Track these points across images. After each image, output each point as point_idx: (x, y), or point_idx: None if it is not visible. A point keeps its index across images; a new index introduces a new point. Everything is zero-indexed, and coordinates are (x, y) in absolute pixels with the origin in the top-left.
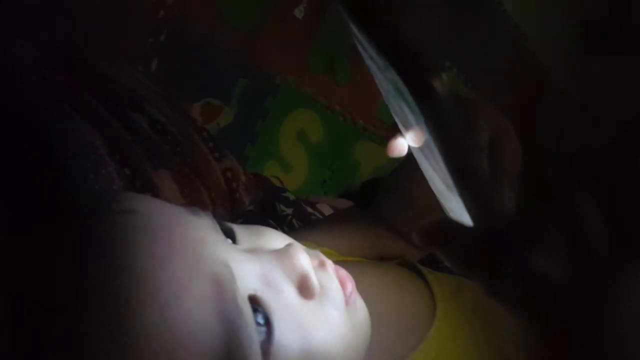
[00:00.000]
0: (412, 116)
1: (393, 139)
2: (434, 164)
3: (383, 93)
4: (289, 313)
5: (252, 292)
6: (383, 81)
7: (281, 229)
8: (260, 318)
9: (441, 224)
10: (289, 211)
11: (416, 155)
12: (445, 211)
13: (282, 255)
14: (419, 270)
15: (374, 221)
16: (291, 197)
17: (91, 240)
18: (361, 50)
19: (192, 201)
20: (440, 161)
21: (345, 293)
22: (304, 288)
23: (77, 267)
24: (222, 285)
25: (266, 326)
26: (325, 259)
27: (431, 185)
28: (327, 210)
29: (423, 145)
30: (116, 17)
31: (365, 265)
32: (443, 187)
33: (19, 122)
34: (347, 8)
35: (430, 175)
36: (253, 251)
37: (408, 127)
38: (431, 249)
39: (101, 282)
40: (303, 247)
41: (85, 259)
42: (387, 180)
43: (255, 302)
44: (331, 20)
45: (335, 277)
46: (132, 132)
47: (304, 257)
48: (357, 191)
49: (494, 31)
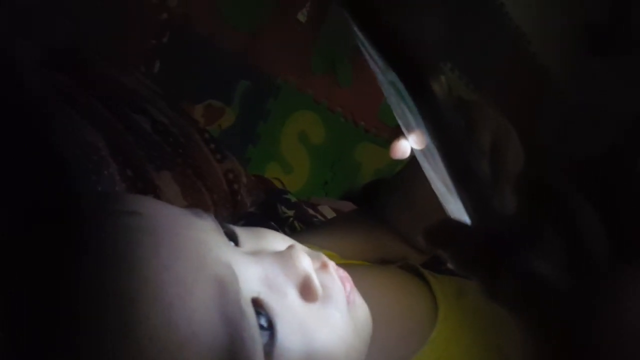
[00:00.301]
0: (413, 118)
1: (396, 141)
2: (435, 166)
3: (385, 94)
4: (292, 316)
5: (256, 295)
6: (384, 82)
7: (282, 231)
8: (263, 321)
9: (445, 225)
10: (291, 213)
11: (418, 157)
12: (447, 213)
13: (284, 257)
14: (421, 273)
15: (376, 224)
16: (292, 199)
17: (94, 241)
18: (364, 51)
19: (194, 203)
20: (440, 163)
21: (344, 292)
22: (307, 291)
23: (81, 268)
24: (226, 287)
25: (269, 329)
26: (327, 260)
27: (433, 187)
28: (329, 211)
29: (424, 147)
30: (118, 19)
31: (367, 268)
32: (444, 189)
33: (21, 123)
34: (348, 8)
35: (431, 176)
36: (255, 253)
37: (410, 129)
38: (435, 249)
39: (105, 283)
40: (305, 249)
41: (88, 260)
42: (390, 182)
43: (258, 305)
44: (333, 21)
45: (337, 279)
46: (134, 134)
47: (306, 260)
48: (359, 193)
49: (495, 33)
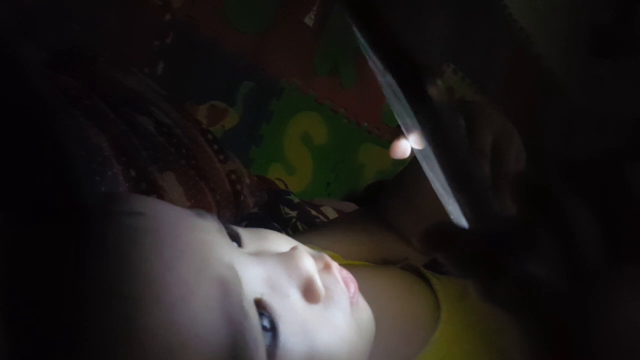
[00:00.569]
0: (410, 120)
1: (396, 141)
2: (432, 167)
3: (386, 95)
4: (295, 317)
5: (258, 296)
6: (384, 84)
7: (285, 232)
8: (266, 322)
9: (440, 227)
10: (293, 214)
11: (418, 157)
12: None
13: (287, 258)
14: (423, 274)
15: (378, 225)
16: (295, 200)
17: (98, 241)
18: (364, 52)
19: (197, 203)
20: (436, 165)
21: (348, 293)
22: (309, 292)
23: (84, 269)
24: (228, 288)
25: (272, 330)
26: (330, 261)
27: (433, 187)
28: (331, 212)
29: (423, 147)
30: (122, 20)
31: (369, 269)
32: (442, 190)
33: (25, 124)
34: (348, 9)
35: (431, 177)
36: (258, 254)
37: (409, 129)
38: (431, 253)
39: (108, 284)
40: (308, 250)
41: (92, 261)
42: (392, 183)
43: (261, 307)
44: (336, 22)
45: (340, 280)
46: (138, 135)
47: (309, 261)
48: (362, 194)
49: (499, 34)
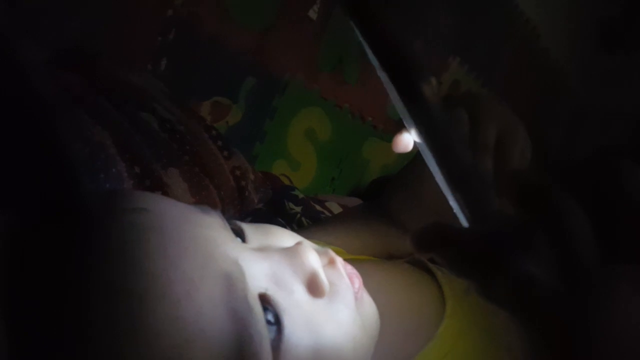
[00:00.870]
0: (404, 117)
1: (398, 134)
2: (432, 163)
3: (387, 89)
4: (299, 312)
5: (263, 291)
6: (383, 79)
7: (290, 227)
8: (270, 317)
9: (434, 228)
10: (298, 209)
11: (421, 151)
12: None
13: (292, 254)
14: (429, 268)
15: (383, 219)
16: (300, 195)
17: (103, 238)
18: (364, 47)
19: (202, 200)
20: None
21: (353, 289)
22: (314, 287)
23: (88, 266)
24: (233, 283)
25: (276, 325)
26: (334, 256)
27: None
28: (336, 208)
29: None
30: (124, 17)
31: (374, 263)
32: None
33: (29, 122)
34: (345, 6)
35: (434, 171)
36: (262, 250)
37: (410, 124)
38: (425, 254)
39: (113, 280)
40: (313, 245)
41: (97, 257)
42: (396, 177)
43: (265, 301)
44: (339, 17)
45: (345, 275)
46: (142, 131)
47: (314, 256)
48: (366, 189)
49: (506, 27)
